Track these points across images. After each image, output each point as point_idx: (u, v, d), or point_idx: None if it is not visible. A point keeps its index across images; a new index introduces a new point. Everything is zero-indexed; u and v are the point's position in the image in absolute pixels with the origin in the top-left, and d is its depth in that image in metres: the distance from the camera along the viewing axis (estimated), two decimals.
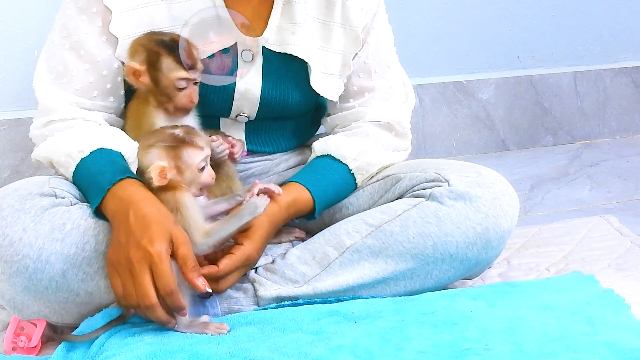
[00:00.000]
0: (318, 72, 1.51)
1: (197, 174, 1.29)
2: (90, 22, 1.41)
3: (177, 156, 1.28)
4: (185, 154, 1.28)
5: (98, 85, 1.42)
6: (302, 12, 1.48)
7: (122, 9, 1.40)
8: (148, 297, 1.21)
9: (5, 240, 1.26)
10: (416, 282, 1.43)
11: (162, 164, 1.27)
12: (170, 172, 1.27)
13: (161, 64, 1.35)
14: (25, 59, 2.02)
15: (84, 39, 1.41)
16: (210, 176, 1.31)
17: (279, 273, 1.41)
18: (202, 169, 1.30)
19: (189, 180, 1.29)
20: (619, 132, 2.70)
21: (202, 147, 1.30)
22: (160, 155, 1.28)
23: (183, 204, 1.28)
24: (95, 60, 1.41)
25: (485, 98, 2.54)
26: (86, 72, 1.41)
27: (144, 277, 1.21)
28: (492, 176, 1.47)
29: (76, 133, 1.37)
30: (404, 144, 1.60)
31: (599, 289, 1.43)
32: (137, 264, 1.21)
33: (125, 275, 1.22)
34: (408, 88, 1.62)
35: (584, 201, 2.11)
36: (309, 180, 1.48)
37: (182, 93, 1.37)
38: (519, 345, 1.21)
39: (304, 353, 1.19)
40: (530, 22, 2.56)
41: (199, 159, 1.29)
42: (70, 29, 1.41)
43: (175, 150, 1.28)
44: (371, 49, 1.55)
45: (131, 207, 1.25)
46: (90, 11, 1.40)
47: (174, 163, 1.28)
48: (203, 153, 1.29)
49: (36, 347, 1.34)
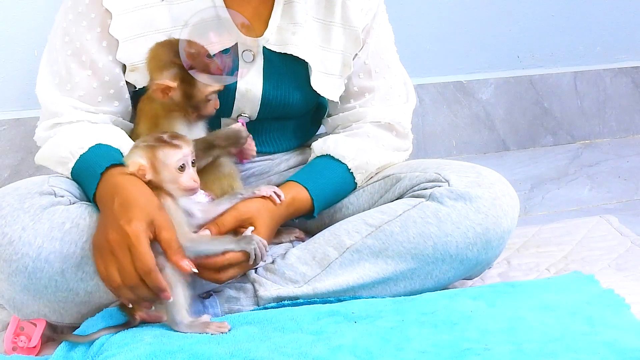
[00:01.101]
0: (318, 72, 1.51)
1: (175, 174, 1.27)
2: (90, 27, 1.40)
3: (154, 155, 1.27)
4: (161, 153, 1.26)
5: (102, 91, 1.42)
6: (302, 12, 1.48)
7: (122, 11, 1.40)
8: (130, 277, 1.20)
9: (5, 239, 1.26)
10: (416, 283, 1.43)
11: (140, 162, 1.26)
12: (148, 172, 1.26)
13: (196, 80, 1.34)
14: (25, 59, 2.02)
15: (85, 45, 1.41)
16: (192, 179, 1.28)
17: (279, 273, 1.41)
18: (182, 168, 1.27)
19: (167, 180, 1.27)
20: (619, 132, 2.70)
21: (180, 146, 1.27)
22: (139, 154, 1.27)
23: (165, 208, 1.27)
24: (97, 67, 1.41)
25: (485, 98, 2.54)
26: (89, 78, 1.41)
27: (125, 258, 1.20)
28: (492, 176, 1.47)
29: (77, 131, 1.37)
30: (405, 144, 1.60)
31: (599, 289, 1.43)
32: (116, 245, 1.21)
33: (107, 257, 1.22)
34: (409, 88, 1.61)
35: (584, 201, 2.11)
36: (307, 179, 1.48)
37: (210, 103, 1.38)
38: (519, 345, 1.21)
39: (304, 353, 1.19)
40: (530, 22, 2.56)
41: (175, 157, 1.27)
42: (72, 35, 1.41)
43: (153, 150, 1.27)
44: (371, 49, 1.55)
45: (116, 192, 1.25)
46: (89, 17, 1.40)
47: (151, 162, 1.27)
48: (180, 152, 1.27)
49: (36, 347, 1.34)
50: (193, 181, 1.28)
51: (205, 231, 1.32)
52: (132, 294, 1.23)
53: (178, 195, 1.29)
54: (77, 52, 1.41)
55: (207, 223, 1.33)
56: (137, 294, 1.22)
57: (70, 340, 1.27)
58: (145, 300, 1.24)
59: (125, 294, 1.23)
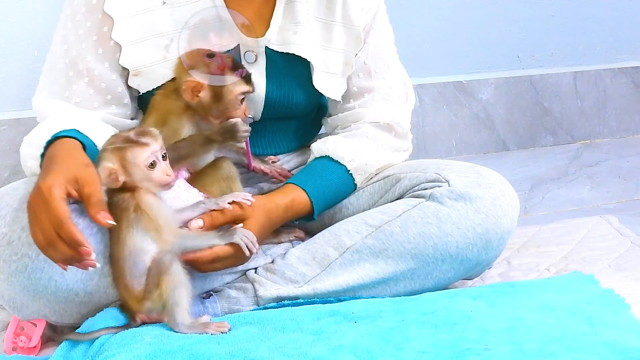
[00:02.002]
0: (320, 72, 1.51)
1: (146, 172, 1.26)
2: (86, 36, 1.40)
3: (122, 157, 1.25)
4: (129, 153, 1.25)
5: (98, 97, 1.42)
6: (303, 11, 1.48)
7: (124, 16, 1.40)
8: (47, 233, 1.16)
9: (4, 239, 1.27)
10: (416, 283, 1.43)
11: (109, 165, 1.24)
12: (120, 174, 1.25)
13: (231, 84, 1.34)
14: (25, 59, 2.02)
15: (81, 53, 1.41)
16: (164, 173, 1.27)
17: (279, 273, 1.41)
18: (152, 165, 1.26)
19: (139, 179, 1.26)
20: (619, 132, 2.70)
21: (147, 143, 1.26)
22: (108, 157, 1.25)
23: (144, 203, 1.26)
24: (92, 74, 1.41)
25: (485, 98, 2.54)
26: (85, 86, 1.41)
27: (41, 214, 1.17)
28: (492, 176, 1.47)
29: (54, 120, 1.37)
30: (404, 145, 1.60)
31: (599, 289, 1.43)
32: (35, 203, 1.18)
33: (31, 218, 1.19)
34: (408, 88, 1.61)
35: (584, 201, 2.11)
36: (306, 181, 1.48)
37: (240, 108, 1.37)
38: (519, 345, 1.21)
39: (304, 353, 1.19)
40: (530, 22, 2.56)
41: (144, 156, 1.25)
42: (70, 43, 1.41)
43: (120, 152, 1.25)
44: (371, 49, 1.55)
45: (49, 159, 1.24)
46: (86, 25, 1.40)
47: (120, 164, 1.25)
48: (148, 149, 1.25)
49: (36, 347, 1.34)
50: (166, 175, 1.27)
51: (198, 221, 1.32)
52: (56, 253, 1.18)
53: (156, 191, 1.28)
54: (74, 61, 1.41)
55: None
56: (58, 251, 1.17)
57: (70, 339, 1.27)
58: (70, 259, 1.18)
59: (51, 255, 1.19)
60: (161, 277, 1.25)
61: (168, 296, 1.25)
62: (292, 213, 1.45)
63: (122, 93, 1.44)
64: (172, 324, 1.27)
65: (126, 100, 1.45)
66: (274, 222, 1.43)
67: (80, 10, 1.40)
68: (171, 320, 1.27)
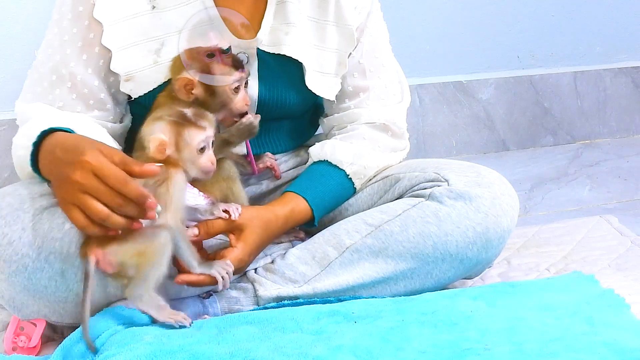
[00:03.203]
0: (313, 72, 1.51)
1: (195, 155, 1.27)
2: (71, 41, 1.40)
3: (178, 133, 1.26)
4: (186, 132, 1.26)
5: (80, 102, 1.42)
6: (295, 12, 1.48)
7: (114, 21, 1.39)
8: (111, 198, 1.17)
9: (5, 239, 1.26)
10: (416, 282, 1.43)
11: (162, 137, 1.25)
12: (169, 148, 1.25)
13: (215, 69, 1.34)
14: (25, 59, 2.02)
15: (64, 59, 1.40)
16: (210, 161, 1.29)
17: (279, 273, 1.41)
18: (202, 150, 1.28)
19: (186, 159, 1.27)
20: (619, 132, 2.70)
21: (205, 127, 1.27)
22: (163, 129, 1.26)
23: (174, 181, 1.26)
24: (75, 80, 1.40)
25: (485, 98, 2.54)
26: (68, 90, 1.41)
27: (98, 185, 1.16)
28: (491, 176, 1.47)
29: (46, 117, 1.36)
30: (401, 144, 1.60)
31: (599, 289, 1.43)
32: (83, 179, 1.17)
33: (81, 200, 1.18)
34: (404, 87, 1.61)
35: (584, 201, 2.11)
36: (306, 189, 1.48)
37: (239, 97, 1.37)
38: (519, 345, 1.21)
39: (304, 353, 1.19)
40: (530, 22, 2.56)
41: (198, 139, 1.26)
42: (55, 47, 1.41)
43: (177, 127, 1.26)
44: (365, 48, 1.55)
45: (56, 147, 1.23)
46: (71, 31, 1.40)
47: (174, 139, 1.26)
48: (204, 133, 1.27)
49: (36, 347, 1.34)
50: (211, 163, 1.29)
51: (194, 230, 1.32)
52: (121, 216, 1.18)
53: (193, 174, 1.29)
54: (57, 65, 1.41)
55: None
56: (127, 211, 1.18)
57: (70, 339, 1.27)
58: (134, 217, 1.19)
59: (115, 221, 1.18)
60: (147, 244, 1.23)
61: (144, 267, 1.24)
62: (292, 222, 1.46)
63: (104, 99, 1.43)
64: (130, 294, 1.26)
65: (109, 106, 1.44)
66: (273, 233, 1.43)
67: (66, 16, 1.40)
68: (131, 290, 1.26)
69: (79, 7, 1.39)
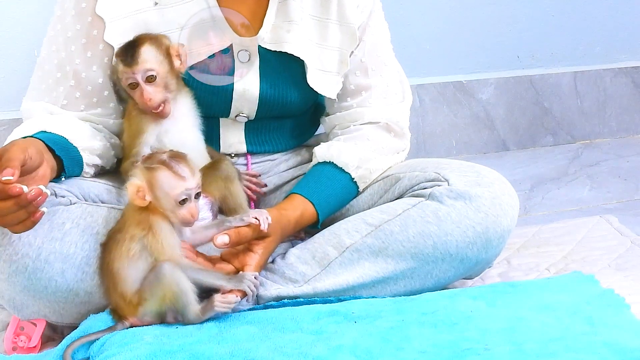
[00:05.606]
0: (315, 70, 1.51)
1: (174, 205, 1.23)
2: (75, 38, 1.41)
3: (154, 180, 1.23)
4: (164, 180, 1.22)
5: (84, 100, 1.42)
6: (297, 10, 1.48)
7: (115, 17, 1.40)
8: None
9: (5, 239, 1.27)
10: (416, 282, 1.43)
11: (138, 183, 1.23)
12: (147, 194, 1.23)
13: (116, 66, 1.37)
14: (25, 59, 2.02)
15: (69, 56, 1.41)
16: (190, 214, 1.24)
17: (279, 273, 1.41)
18: (183, 202, 1.23)
19: (165, 208, 1.24)
20: (619, 132, 2.70)
21: (184, 177, 1.23)
22: (140, 176, 1.24)
23: (155, 227, 1.24)
24: (80, 77, 1.41)
25: (485, 98, 2.54)
26: (72, 88, 1.41)
27: None
28: (491, 175, 1.47)
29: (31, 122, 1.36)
30: (403, 144, 1.60)
31: (599, 289, 1.43)
32: None
33: None
34: (405, 86, 1.61)
35: (584, 201, 2.11)
36: (313, 193, 1.47)
37: (136, 94, 1.36)
38: (519, 345, 1.21)
39: (304, 353, 1.19)
40: (530, 22, 2.56)
41: (177, 191, 1.22)
42: (59, 45, 1.42)
43: (153, 173, 1.23)
44: (367, 46, 1.55)
45: None
46: (75, 28, 1.40)
47: (150, 186, 1.23)
48: (183, 185, 1.23)
49: (36, 347, 1.34)
50: (191, 216, 1.25)
51: (224, 237, 1.29)
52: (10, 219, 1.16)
53: (173, 221, 1.26)
54: (62, 62, 1.41)
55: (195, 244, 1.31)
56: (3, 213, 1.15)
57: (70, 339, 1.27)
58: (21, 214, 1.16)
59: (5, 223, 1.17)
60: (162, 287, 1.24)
61: (175, 303, 1.25)
62: (300, 226, 1.46)
63: (108, 96, 1.44)
64: (185, 321, 1.27)
65: (112, 104, 1.45)
66: (286, 237, 1.44)
67: (69, 12, 1.40)
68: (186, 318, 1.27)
69: (82, 3, 1.39)
